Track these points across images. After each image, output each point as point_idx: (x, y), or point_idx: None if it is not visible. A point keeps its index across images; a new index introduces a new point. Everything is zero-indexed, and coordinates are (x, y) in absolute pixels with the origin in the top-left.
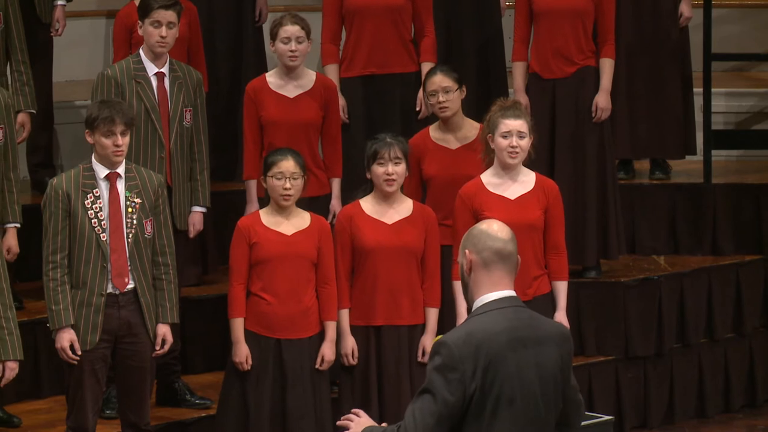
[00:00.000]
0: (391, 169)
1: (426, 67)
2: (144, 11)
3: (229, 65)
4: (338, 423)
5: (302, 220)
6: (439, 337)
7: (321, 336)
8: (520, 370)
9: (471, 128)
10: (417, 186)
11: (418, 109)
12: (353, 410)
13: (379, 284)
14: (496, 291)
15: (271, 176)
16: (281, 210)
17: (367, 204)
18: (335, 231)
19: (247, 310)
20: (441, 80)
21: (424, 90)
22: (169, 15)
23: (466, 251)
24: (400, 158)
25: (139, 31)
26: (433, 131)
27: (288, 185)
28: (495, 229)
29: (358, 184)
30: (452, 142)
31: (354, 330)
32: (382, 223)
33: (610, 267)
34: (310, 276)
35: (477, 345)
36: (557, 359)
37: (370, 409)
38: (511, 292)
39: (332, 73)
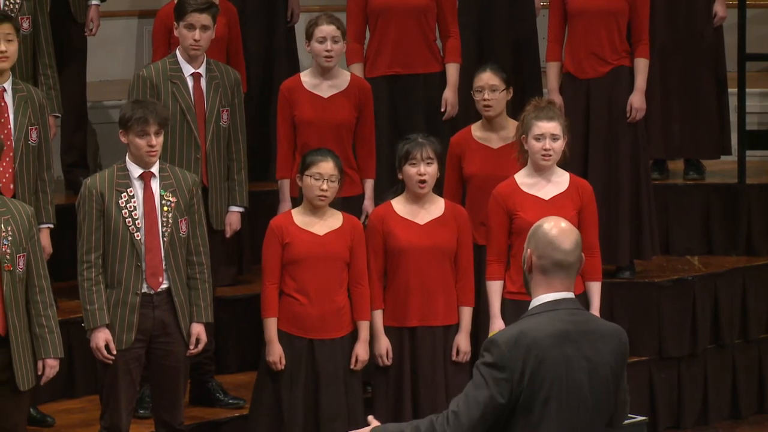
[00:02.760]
0: (423, 170)
1: (450, 67)
2: (179, 14)
3: (261, 65)
4: None
5: (335, 220)
6: (495, 332)
7: (353, 336)
8: (570, 371)
9: (514, 128)
10: (457, 184)
11: (442, 109)
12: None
13: (413, 285)
14: (553, 292)
15: (309, 175)
16: (314, 210)
17: (399, 205)
18: (367, 232)
19: (280, 310)
20: (489, 78)
21: (471, 86)
22: (203, 18)
23: (529, 250)
24: (432, 158)
25: (175, 33)
26: (476, 130)
27: (325, 186)
28: (559, 237)
29: (383, 184)
30: (494, 141)
31: (388, 331)
32: (414, 223)
33: (644, 267)
34: (343, 276)
35: (527, 346)
36: (610, 360)
37: (404, 410)
38: (569, 294)
39: (357, 72)
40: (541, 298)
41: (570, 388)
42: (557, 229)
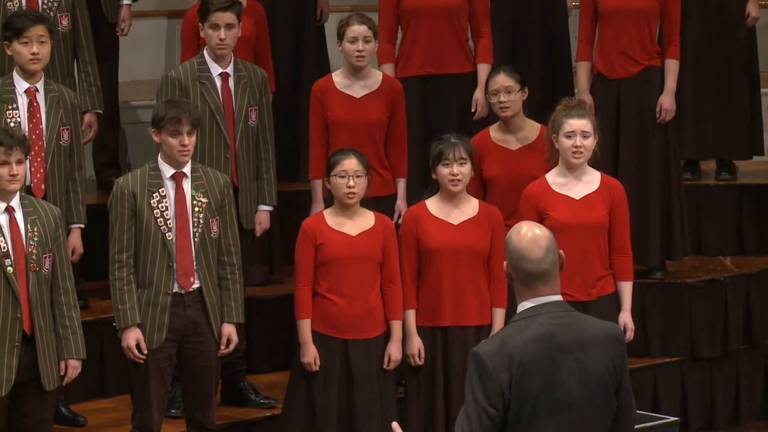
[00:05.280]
0: (456, 170)
1: (482, 67)
2: (203, 14)
3: (291, 65)
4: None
5: (366, 220)
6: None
7: (386, 336)
8: (557, 375)
9: (532, 129)
10: (478, 186)
11: (473, 110)
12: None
13: (445, 285)
14: (536, 297)
15: (335, 175)
16: (345, 210)
17: (433, 204)
18: (401, 232)
19: (313, 311)
20: (503, 80)
21: (486, 89)
22: (227, 17)
23: (506, 263)
24: (465, 158)
25: (201, 34)
26: (494, 132)
27: (352, 183)
28: (527, 249)
29: (414, 184)
30: (513, 143)
31: (420, 330)
32: (447, 223)
33: (676, 268)
34: (376, 276)
35: (510, 354)
36: (606, 361)
37: (436, 409)
38: (553, 297)
39: (388, 72)
40: (524, 305)
41: (559, 392)
42: (525, 239)
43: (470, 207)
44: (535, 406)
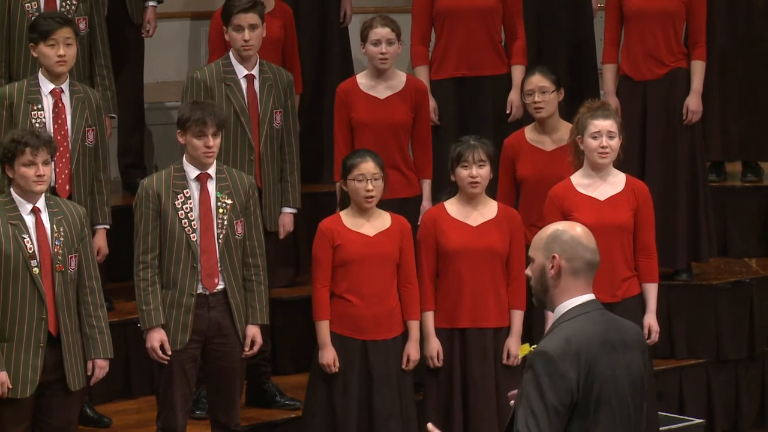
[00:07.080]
0: (475, 172)
1: (516, 69)
2: (226, 18)
3: (314, 67)
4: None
5: (383, 221)
6: (529, 346)
7: (404, 336)
8: (614, 372)
9: (567, 131)
10: (510, 186)
11: (508, 111)
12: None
13: (464, 286)
14: (580, 296)
15: (352, 179)
16: (362, 211)
17: (452, 206)
18: (419, 233)
19: (332, 312)
20: (539, 80)
21: (521, 89)
22: (250, 17)
23: (555, 255)
24: (484, 161)
25: (226, 37)
26: (529, 132)
27: (370, 186)
28: (585, 237)
29: (449, 186)
30: (547, 144)
31: (438, 332)
32: (466, 225)
33: (702, 270)
34: (393, 276)
35: (576, 352)
36: (640, 357)
37: (454, 411)
38: (592, 296)
39: (422, 74)
40: (569, 303)
41: (615, 387)
42: (579, 228)
43: (489, 209)
44: (598, 399)
